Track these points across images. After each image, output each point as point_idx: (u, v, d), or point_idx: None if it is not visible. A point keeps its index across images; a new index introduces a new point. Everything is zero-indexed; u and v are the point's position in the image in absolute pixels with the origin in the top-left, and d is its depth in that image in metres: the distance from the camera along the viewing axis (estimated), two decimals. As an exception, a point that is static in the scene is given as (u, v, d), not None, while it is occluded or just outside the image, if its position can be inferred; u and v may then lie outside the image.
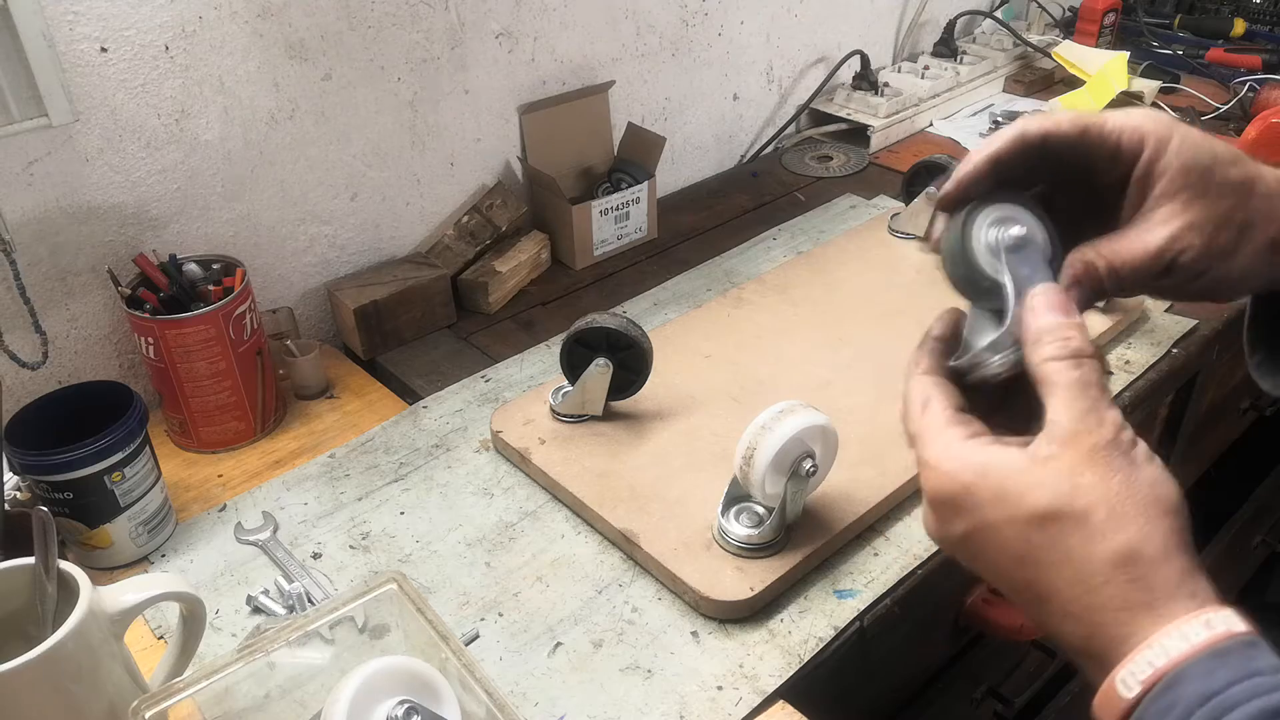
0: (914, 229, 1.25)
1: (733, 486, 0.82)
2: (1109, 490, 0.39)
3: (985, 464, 0.41)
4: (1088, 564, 0.39)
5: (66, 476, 0.79)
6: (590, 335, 0.91)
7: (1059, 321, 0.43)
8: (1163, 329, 1.09)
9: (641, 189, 1.30)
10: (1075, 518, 0.39)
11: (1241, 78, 1.68)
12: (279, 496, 0.92)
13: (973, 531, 0.42)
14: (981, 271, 0.47)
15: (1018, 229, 0.47)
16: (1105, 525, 0.39)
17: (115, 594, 0.64)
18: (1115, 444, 0.40)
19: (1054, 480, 0.40)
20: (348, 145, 1.13)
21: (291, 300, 1.15)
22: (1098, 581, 0.38)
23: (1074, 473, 0.39)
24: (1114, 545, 0.38)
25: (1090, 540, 0.39)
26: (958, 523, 0.42)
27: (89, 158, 0.94)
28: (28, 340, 0.94)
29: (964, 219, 0.48)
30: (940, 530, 0.44)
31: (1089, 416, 0.40)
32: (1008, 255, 0.47)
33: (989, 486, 0.41)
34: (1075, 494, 0.39)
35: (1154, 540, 0.38)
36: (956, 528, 0.43)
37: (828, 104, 1.67)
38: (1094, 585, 0.39)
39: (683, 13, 1.42)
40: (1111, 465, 0.39)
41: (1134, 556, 0.38)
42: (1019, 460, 0.41)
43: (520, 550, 0.85)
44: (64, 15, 0.88)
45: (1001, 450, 0.42)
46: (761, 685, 0.72)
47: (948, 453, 0.43)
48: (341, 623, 0.66)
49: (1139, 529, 0.38)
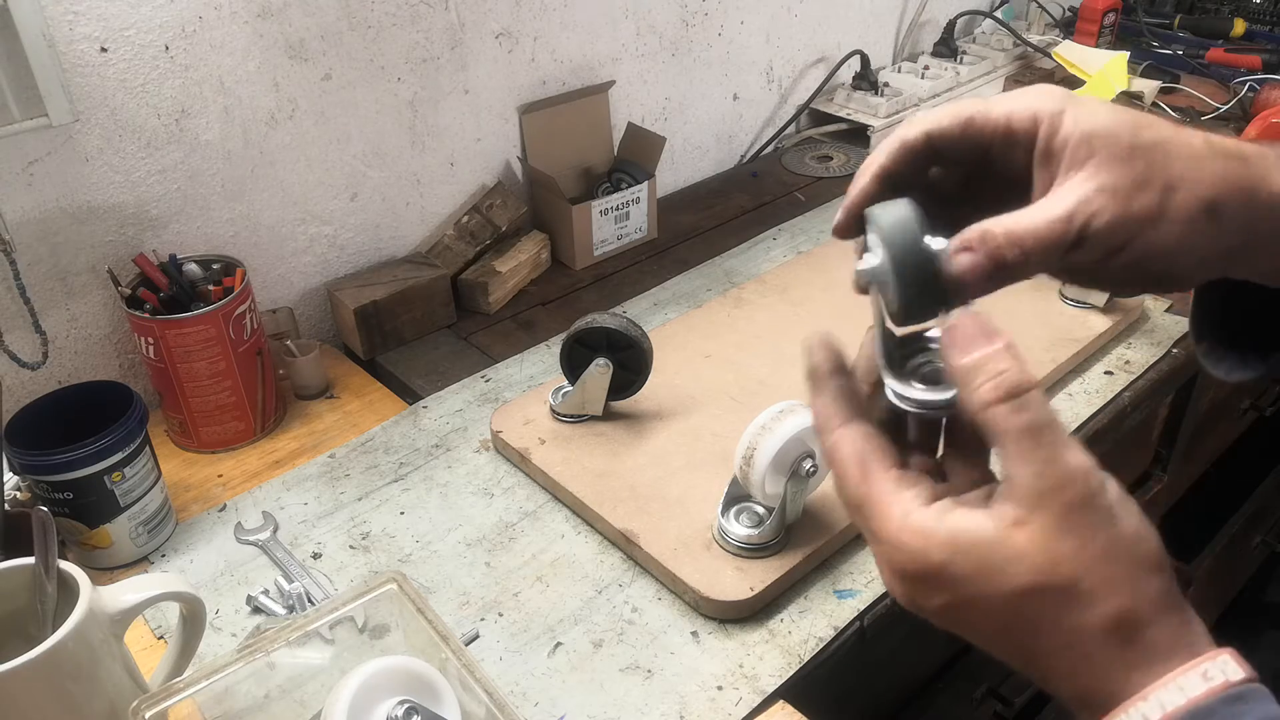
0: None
1: (733, 486, 0.82)
2: (1092, 556, 0.36)
3: (955, 539, 0.37)
4: (1078, 634, 0.36)
5: (66, 476, 0.79)
6: (590, 335, 0.91)
7: (985, 355, 0.37)
8: (1163, 329, 1.09)
9: (641, 189, 1.30)
10: (1061, 590, 0.36)
11: (1241, 78, 1.68)
12: (279, 496, 0.92)
13: (951, 606, 0.39)
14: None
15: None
16: (1094, 594, 0.36)
17: (115, 594, 0.64)
18: (1086, 500, 0.36)
19: (1032, 552, 0.36)
20: (348, 145, 1.13)
21: (291, 300, 1.15)
22: (1091, 649, 0.36)
23: (1050, 541, 0.36)
24: (1105, 613, 0.36)
25: (1080, 611, 0.36)
26: (934, 597, 0.39)
27: (89, 158, 0.94)
28: (28, 340, 0.94)
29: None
30: (913, 602, 0.40)
31: (1050, 471, 0.36)
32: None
33: (965, 564, 0.37)
34: (1057, 566, 0.36)
35: (1145, 602, 0.36)
36: (933, 601, 0.39)
37: (828, 104, 1.67)
38: (1087, 652, 0.36)
39: (683, 13, 1.42)
40: (1090, 526, 0.36)
41: (1126, 621, 0.36)
42: (989, 530, 0.37)
43: (520, 550, 0.85)
44: (64, 15, 0.88)
45: (966, 517, 0.38)
46: (761, 685, 0.72)
47: (907, 527, 0.38)
48: (341, 623, 0.66)
49: (1129, 593, 0.36)
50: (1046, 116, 0.41)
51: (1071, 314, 1.07)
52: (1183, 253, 0.40)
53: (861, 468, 0.40)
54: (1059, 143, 0.40)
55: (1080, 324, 1.06)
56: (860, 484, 0.40)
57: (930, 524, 0.38)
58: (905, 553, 0.39)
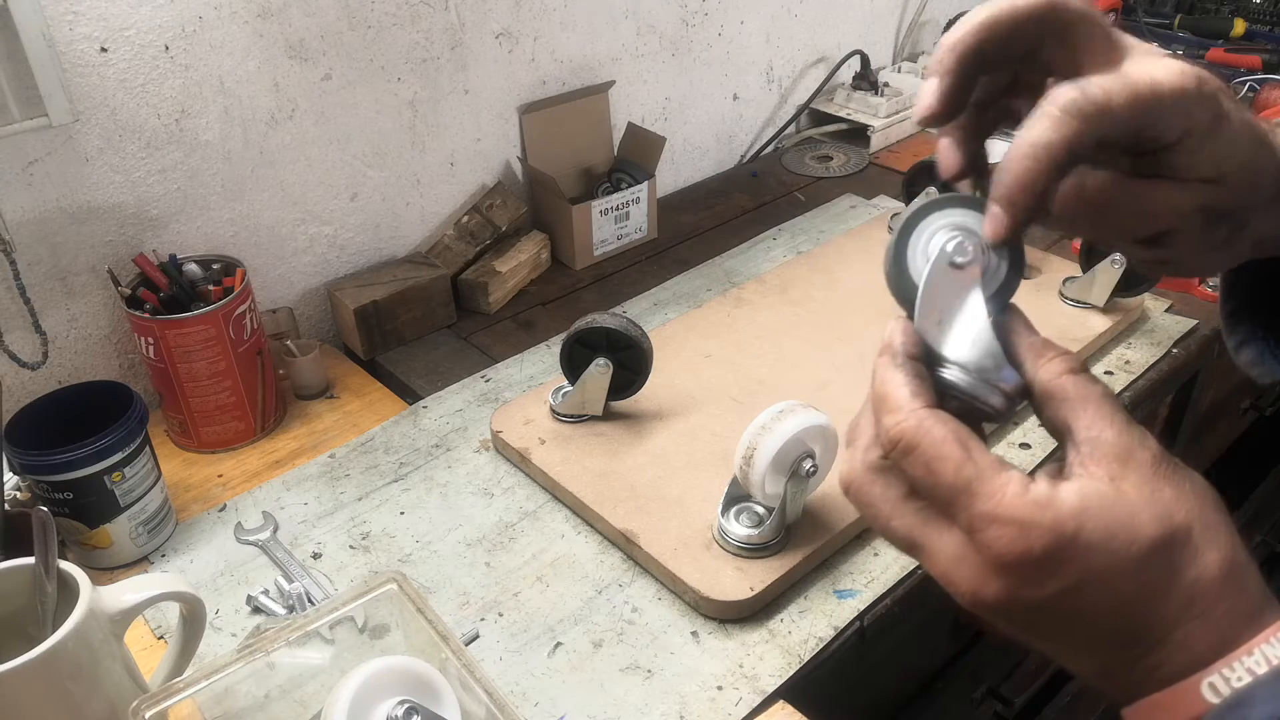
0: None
1: (733, 486, 0.82)
2: (1191, 503, 0.36)
3: (1083, 504, 0.36)
4: (1199, 584, 0.36)
5: (66, 476, 0.79)
6: (590, 335, 0.91)
7: (1048, 340, 0.40)
8: (1163, 329, 1.09)
9: (641, 189, 1.30)
10: (1182, 540, 0.36)
11: (1241, 78, 1.68)
12: (279, 496, 0.92)
13: (1072, 588, 0.36)
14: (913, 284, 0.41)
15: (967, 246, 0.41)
16: (1203, 540, 0.36)
17: (115, 594, 0.64)
18: (1162, 455, 0.37)
19: (1147, 503, 0.36)
20: (348, 145, 1.13)
21: (291, 300, 1.15)
22: (1211, 599, 0.36)
23: (1154, 491, 0.36)
24: (1218, 559, 0.36)
25: (1198, 561, 0.36)
26: (1051, 582, 0.36)
27: (89, 158, 0.94)
28: (28, 340, 0.94)
29: (904, 226, 0.42)
30: (1017, 598, 0.37)
31: (1132, 429, 0.37)
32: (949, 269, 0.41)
33: (1098, 528, 0.35)
34: (1171, 514, 0.36)
35: (1240, 546, 0.37)
36: (1047, 589, 0.36)
37: (828, 104, 1.67)
38: (1207, 605, 0.36)
39: (683, 13, 1.42)
40: (1176, 477, 0.37)
41: (1236, 566, 0.36)
42: (1107, 490, 0.36)
43: (520, 550, 0.85)
44: (64, 15, 0.88)
45: (1080, 484, 0.36)
46: (761, 685, 0.72)
47: (1030, 501, 0.36)
48: (341, 623, 0.66)
49: (1229, 538, 0.36)
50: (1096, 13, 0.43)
51: (1071, 314, 1.07)
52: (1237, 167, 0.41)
53: (964, 446, 0.37)
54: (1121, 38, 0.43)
55: (1080, 324, 1.06)
56: (966, 463, 0.37)
57: (1053, 495, 0.36)
58: (1036, 530, 0.36)
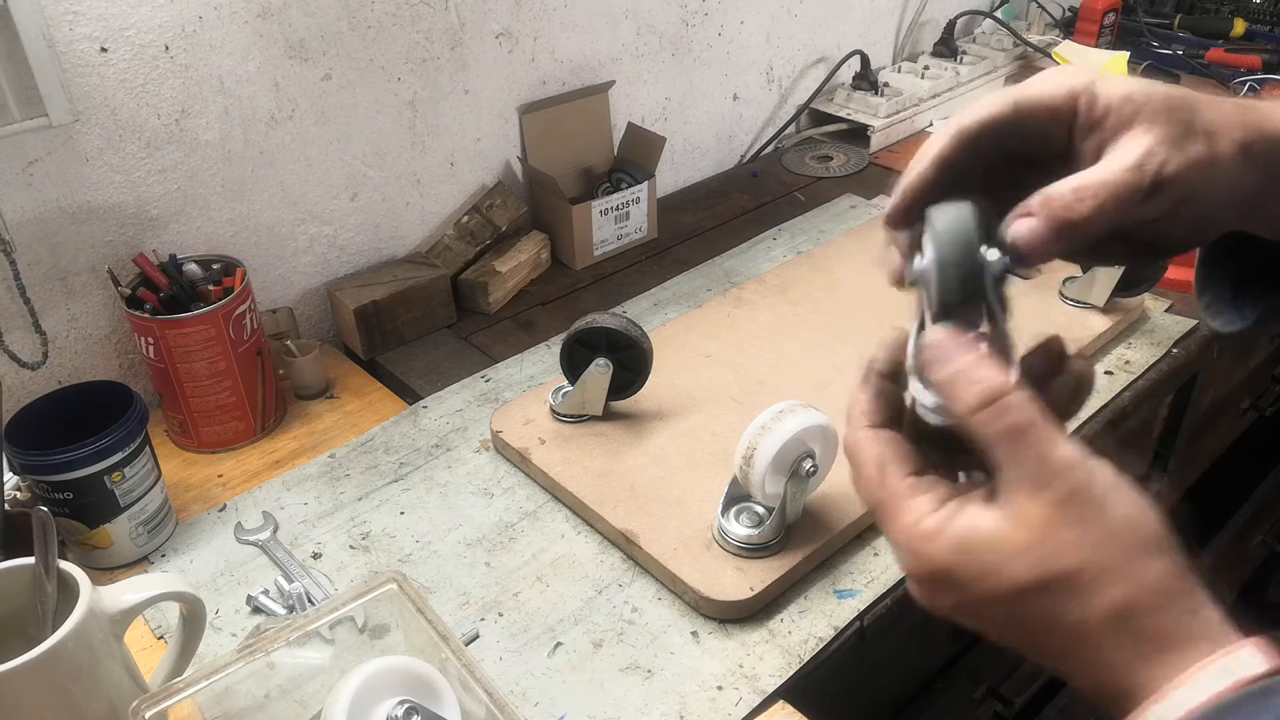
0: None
1: (733, 486, 0.82)
2: (1087, 546, 0.36)
3: (959, 541, 0.39)
4: (1083, 626, 0.37)
5: (66, 476, 0.79)
6: (590, 335, 0.91)
7: (963, 364, 0.38)
8: (1163, 329, 1.09)
9: (641, 189, 1.30)
10: (1061, 583, 0.37)
11: (1241, 78, 1.68)
12: (279, 496, 0.92)
13: (962, 605, 0.40)
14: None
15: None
16: (1094, 584, 0.36)
17: (115, 594, 0.64)
18: (1078, 491, 0.37)
19: (1031, 547, 0.37)
20: (348, 145, 1.13)
21: (291, 300, 1.15)
22: (1099, 641, 0.37)
23: (1046, 535, 0.37)
24: (1106, 603, 0.36)
25: (1082, 603, 0.37)
26: (946, 597, 0.40)
27: (89, 158, 0.94)
28: (28, 340, 0.94)
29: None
30: (928, 601, 0.41)
31: (1037, 469, 0.37)
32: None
33: (971, 565, 0.38)
34: (1055, 559, 0.37)
35: (1145, 589, 0.36)
36: (944, 600, 0.40)
37: (828, 104, 1.67)
38: (1096, 645, 0.37)
39: (683, 13, 1.42)
40: (1084, 517, 0.37)
41: (1129, 610, 0.36)
42: (989, 530, 0.38)
43: (520, 550, 0.85)
44: (64, 15, 0.88)
45: (970, 518, 0.39)
46: (761, 685, 0.72)
47: (919, 532, 0.40)
48: (341, 623, 0.66)
49: (1127, 580, 0.36)
50: (1081, 88, 0.41)
51: (1071, 314, 1.07)
52: (1230, 197, 0.41)
53: (880, 471, 0.42)
54: (1100, 110, 0.41)
55: (1080, 324, 1.06)
56: (878, 488, 0.42)
57: (935, 528, 0.39)
58: (915, 557, 0.40)
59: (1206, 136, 0.40)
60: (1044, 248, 0.40)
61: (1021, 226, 0.40)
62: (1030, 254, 0.40)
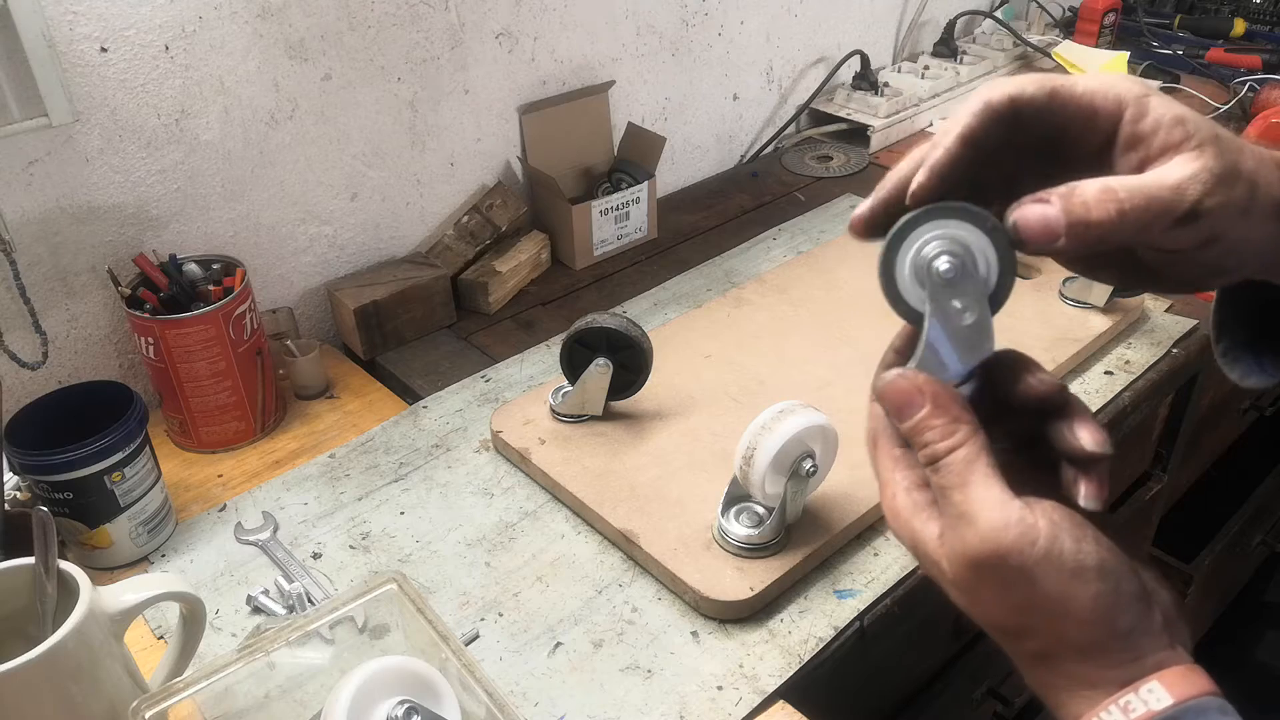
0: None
1: (733, 486, 0.82)
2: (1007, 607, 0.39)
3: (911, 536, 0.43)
4: (1011, 651, 0.41)
5: (66, 476, 0.79)
6: (590, 335, 0.91)
7: (918, 421, 0.41)
8: (1163, 329, 1.09)
9: (641, 189, 1.30)
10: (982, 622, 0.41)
11: (1241, 78, 1.68)
12: (279, 496, 0.92)
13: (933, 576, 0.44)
14: (902, 301, 0.42)
15: (947, 260, 0.41)
16: (1014, 633, 0.40)
17: (115, 594, 0.64)
18: (995, 562, 0.38)
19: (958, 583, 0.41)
20: (348, 145, 1.13)
21: (291, 300, 1.15)
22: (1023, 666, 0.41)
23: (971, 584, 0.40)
24: (1025, 650, 0.40)
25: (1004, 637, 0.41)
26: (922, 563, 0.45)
27: (89, 158, 0.94)
28: (28, 340, 0.94)
29: (895, 234, 0.42)
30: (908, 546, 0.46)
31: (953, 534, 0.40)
32: (935, 288, 0.41)
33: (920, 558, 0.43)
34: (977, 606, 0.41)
35: (1065, 648, 0.39)
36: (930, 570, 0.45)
37: (828, 104, 1.67)
38: (1022, 666, 0.41)
39: (683, 13, 1.42)
40: (1005, 583, 0.39)
41: (1047, 655, 0.39)
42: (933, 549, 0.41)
43: (520, 550, 0.85)
44: (64, 15, 0.88)
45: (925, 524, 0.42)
46: (761, 685, 0.72)
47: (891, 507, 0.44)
48: (341, 623, 0.66)
49: (1047, 640, 0.39)
50: (1132, 100, 0.40)
51: (1071, 314, 1.07)
52: (1256, 250, 0.40)
53: (872, 441, 0.45)
54: (1148, 125, 0.39)
55: (1080, 324, 1.06)
56: (893, 520, 0.44)
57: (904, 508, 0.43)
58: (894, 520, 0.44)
59: (1249, 184, 0.39)
60: (1049, 239, 0.38)
61: (1032, 211, 0.39)
62: (1031, 240, 0.39)
